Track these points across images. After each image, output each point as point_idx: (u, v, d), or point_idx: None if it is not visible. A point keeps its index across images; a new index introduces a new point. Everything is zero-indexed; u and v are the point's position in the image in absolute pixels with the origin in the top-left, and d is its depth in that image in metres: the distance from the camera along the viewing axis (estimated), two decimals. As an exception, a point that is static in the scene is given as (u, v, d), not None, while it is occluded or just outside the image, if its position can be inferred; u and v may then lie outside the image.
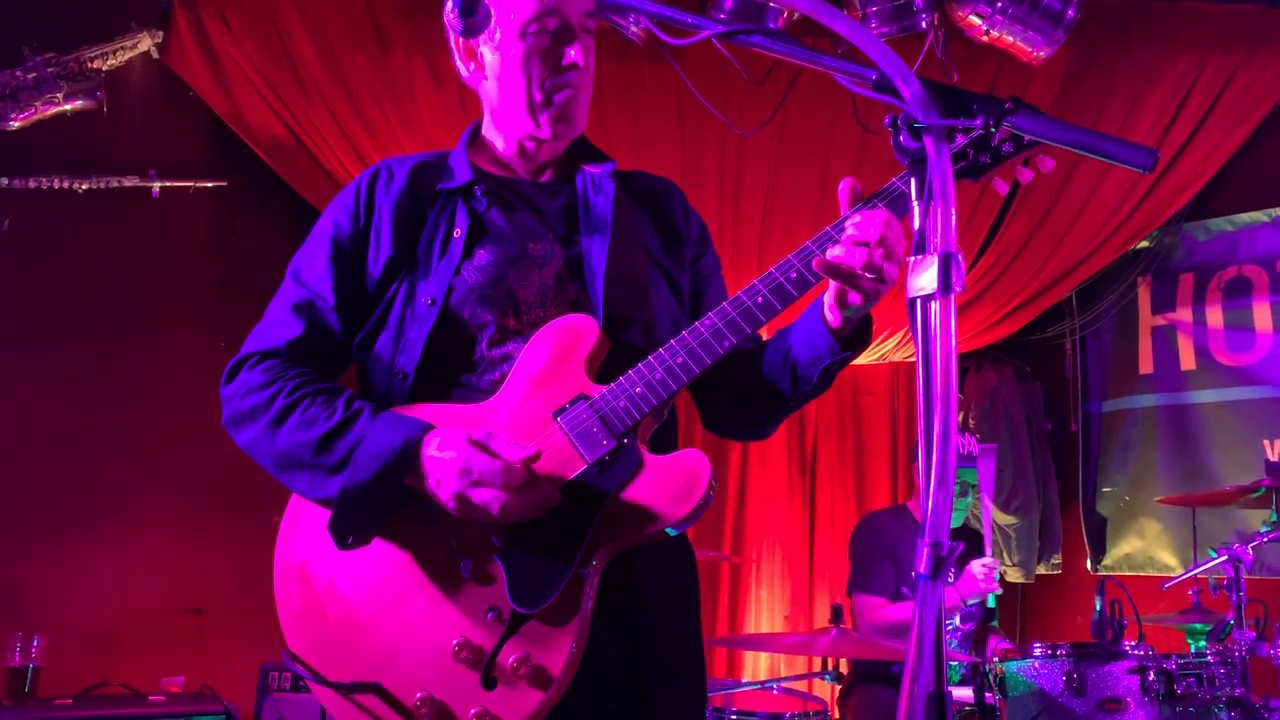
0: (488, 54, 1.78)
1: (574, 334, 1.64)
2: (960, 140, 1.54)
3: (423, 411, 1.63)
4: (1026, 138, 1.38)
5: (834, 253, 1.55)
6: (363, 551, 1.60)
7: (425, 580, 1.57)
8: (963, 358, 5.60)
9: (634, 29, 4.34)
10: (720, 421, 1.90)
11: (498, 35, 1.75)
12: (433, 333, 1.66)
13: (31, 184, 4.13)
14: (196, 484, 4.42)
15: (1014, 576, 5.42)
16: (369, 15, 4.57)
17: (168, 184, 4.31)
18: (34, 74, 4.05)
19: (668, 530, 1.55)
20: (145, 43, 4.35)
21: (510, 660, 1.52)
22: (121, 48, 4.25)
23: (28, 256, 4.25)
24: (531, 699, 1.51)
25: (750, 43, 1.36)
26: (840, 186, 1.61)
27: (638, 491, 1.55)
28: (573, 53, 1.74)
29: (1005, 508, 5.42)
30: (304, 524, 1.67)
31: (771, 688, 3.86)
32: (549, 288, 1.71)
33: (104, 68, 4.21)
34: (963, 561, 4.19)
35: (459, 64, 1.84)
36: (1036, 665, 3.37)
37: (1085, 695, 3.26)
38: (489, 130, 1.85)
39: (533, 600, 1.52)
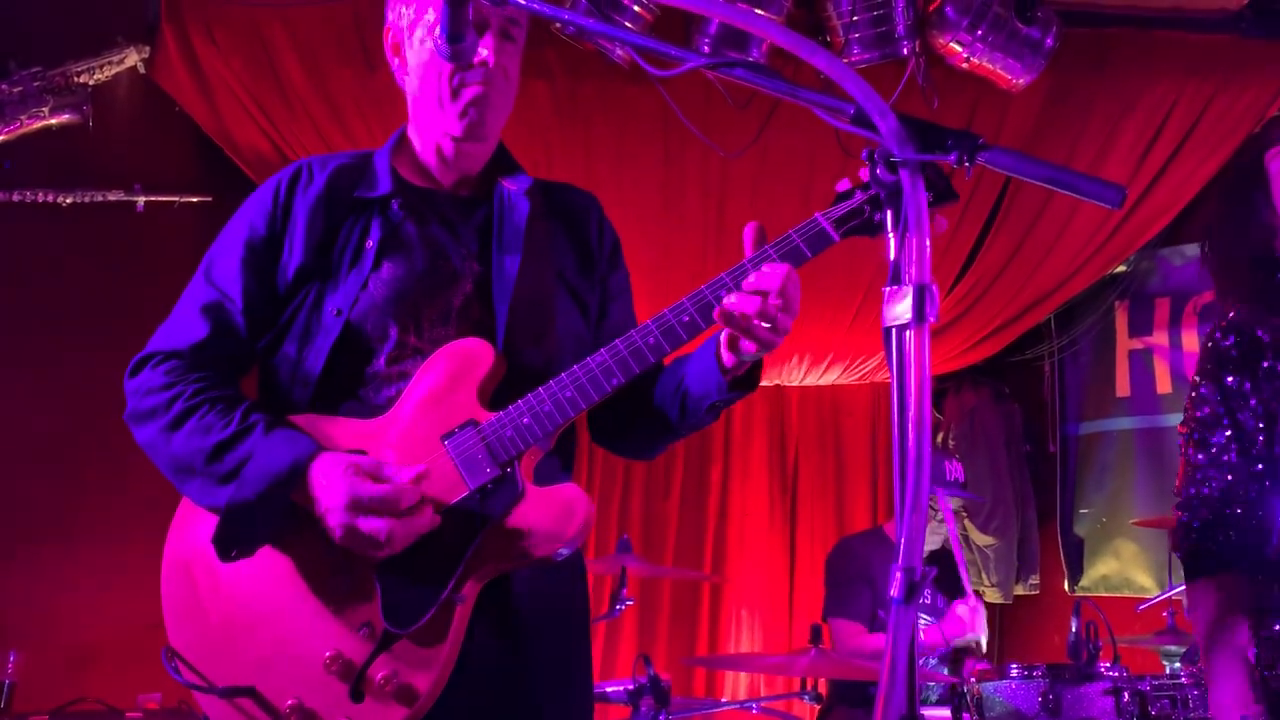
0: (409, 52, 1.80)
1: (470, 358, 1.65)
2: (859, 197, 1.69)
3: (316, 425, 1.65)
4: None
5: (730, 300, 1.57)
6: (254, 556, 1.62)
7: (305, 590, 1.60)
8: (942, 379, 5.64)
9: (619, 52, 4.39)
10: (606, 437, 1.92)
11: (418, 32, 1.76)
12: (336, 343, 1.67)
13: (15, 197, 4.12)
14: (174, 499, 4.40)
15: (992, 597, 5.46)
16: (356, 32, 4.60)
17: (152, 199, 4.31)
18: (20, 88, 4.05)
19: (544, 559, 1.58)
20: (132, 58, 4.35)
21: (379, 675, 1.55)
22: (108, 63, 4.25)
23: (9, 270, 4.24)
24: (396, 714, 1.54)
25: (732, 75, 1.39)
26: (746, 229, 1.64)
27: (515, 521, 1.58)
28: (484, 51, 1.71)
29: (983, 528, 5.46)
30: (194, 524, 1.70)
31: (751, 708, 3.87)
32: (453, 307, 1.72)
33: (90, 82, 4.21)
34: (941, 588, 4.23)
35: (388, 52, 1.85)
36: (1013, 686, 3.39)
37: (1060, 716, 3.28)
38: (412, 131, 1.85)
39: (404, 621, 1.55)
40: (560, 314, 1.78)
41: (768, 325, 1.57)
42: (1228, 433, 2.01)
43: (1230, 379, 2.01)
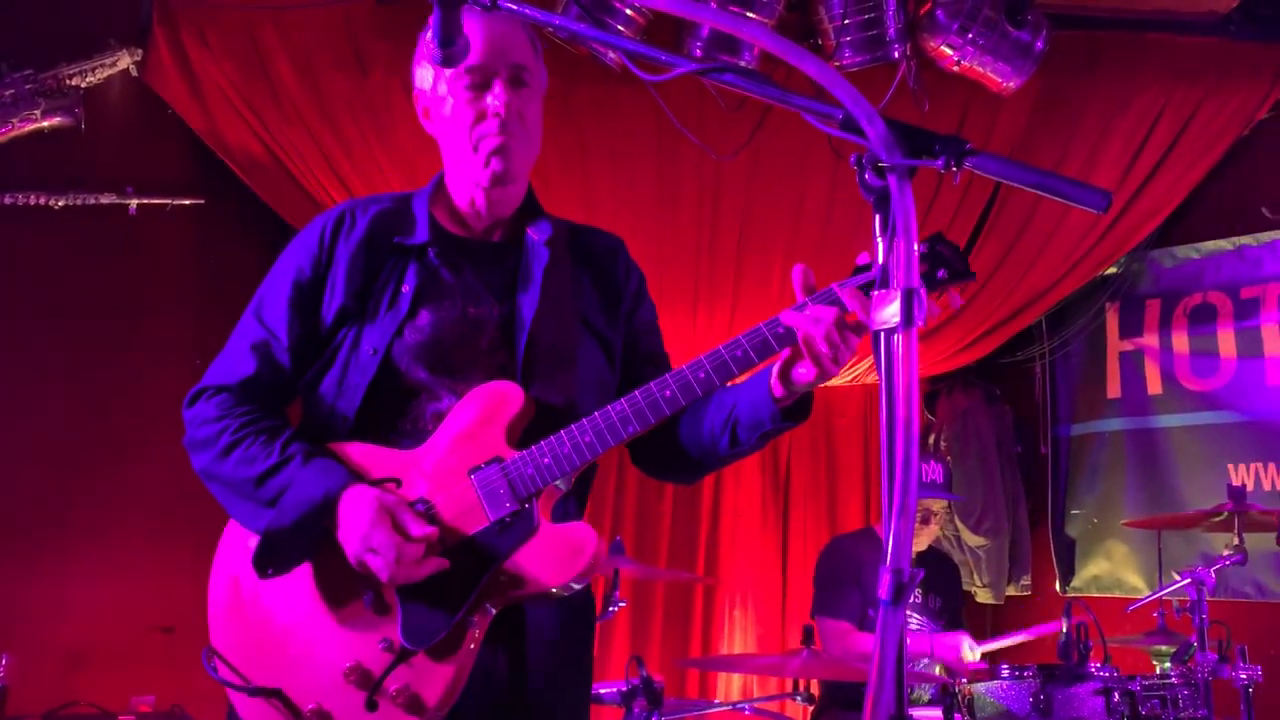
0: (438, 106, 1.90)
1: (501, 399, 1.77)
2: (877, 269, 1.67)
3: (354, 453, 1.79)
4: (940, 273, 1.69)
5: (796, 319, 1.67)
6: (289, 574, 1.77)
7: (333, 606, 1.75)
8: (934, 381, 5.66)
9: (611, 55, 4.40)
10: (651, 464, 2.02)
11: (442, 87, 1.88)
12: (373, 382, 1.80)
13: (7, 200, 4.12)
14: (168, 501, 4.40)
15: (984, 597, 5.48)
16: (348, 36, 4.60)
17: (145, 201, 4.31)
18: (11, 90, 4.05)
19: (552, 593, 1.72)
20: (124, 60, 4.35)
21: (393, 688, 1.68)
22: (100, 65, 4.25)
23: (2, 273, 4.24)
24: None
25: (723, 80, 1.40)
26: (795, 272, 1.72)
27: (528, 554, 1.71)
28: (494, 102, 1.82)
29: (975, 529, 5.48)
30: (242, 540, 1.84)
31: (743, 709, 3.88)
32: (480, 350, 1.83)
33: (82, 85, 4.20)
34: (937, 580, 4.24)
35: (420, 117, 1.96)
36: (1004, 686, 3.41)
37: (1052, 716, 3.30)
38: (448, 180, 1.95)
39: (420, 639, 1.69)
40: (582, 356, 1.88)
41: (828, 350, 1.64)
42: None
43: None
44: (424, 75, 1.92)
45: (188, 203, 4.45)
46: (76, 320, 4.33)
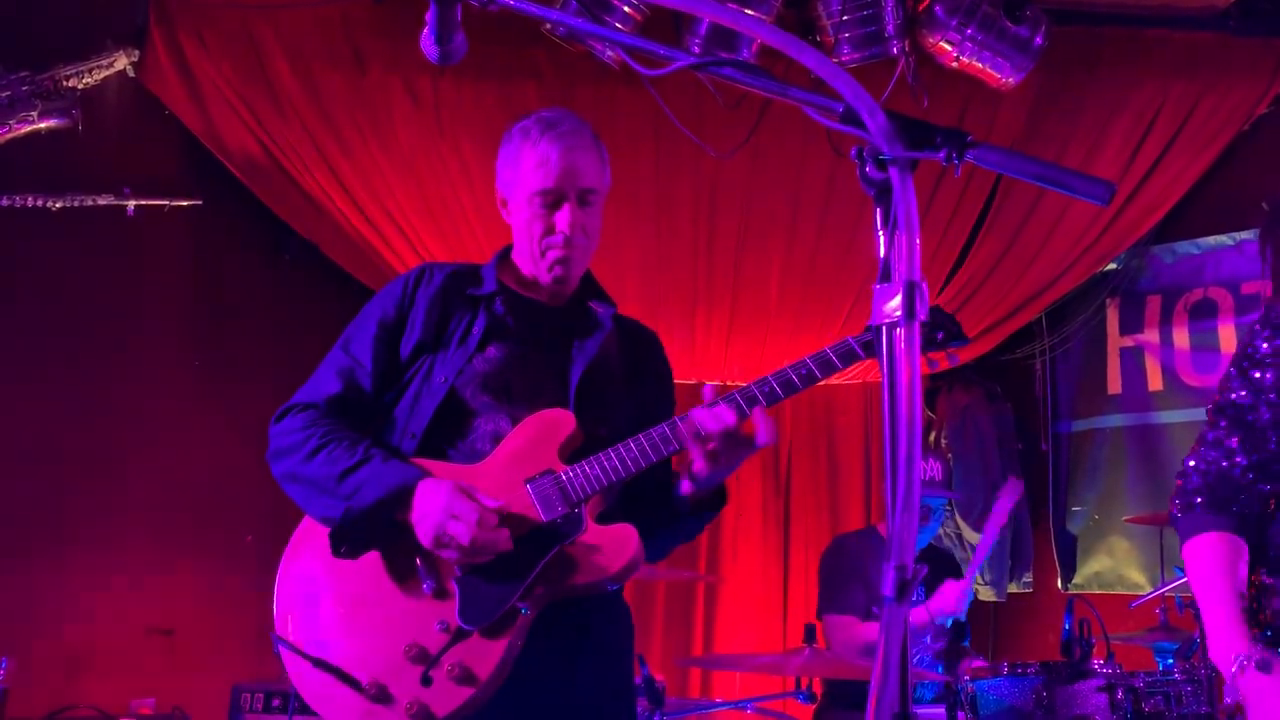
0: (515, 207, 2.19)
1: (555, 423, 2.03)
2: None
3: (425, 464, 2.02)
4: (939, 335, 1.99)
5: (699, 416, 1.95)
6: (354, 563, 1.98)
7: (396, 590, 1.96)
8: (935, 378, 5.65)
9: (609, 53, 4.38)
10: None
11: (518, 193, 2.16)
12: (441, 405, 2.05)
13: (4, 202, 4.11)
14: (167, 503, 4.39)
15: (986, 595, 5.46)
16: (346, 35, 4.59)
17: (142, 203, 4.29)
18: (8, 92, 4.03)
19: (598, 584, 1.95)
20: (121, 61, 4.34)
21: (448, 664, 1.89)
22: (97, 66, 4.24)
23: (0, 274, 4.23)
24: (459, 696, 1.88)
25: (722, 74, 1.39)
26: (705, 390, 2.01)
27: (577, 550, 1.95)
28: (561, 222, 2.11)
29: (976, 527, 5.47)
30: (312, 538, 2.04)
31: (745, 708, 3.87)
32: (537, 386, 2.09)
33: (79, 86, 4.19)
34: (935, 580, 4.23)
35: (498, 205, 2.24)
36: (1007, 684, 3.40)
37: (1055, 713, 3.29)
38: (516, 256, 2.23)
39: (476, 619, 1.90)
40: (618, 400, 2.15)
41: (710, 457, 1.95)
42: (1243, 418, 2.05)
43: (1256, 373, 2.05)
44: (505, 174, 2.19)
45: (185, 204, 4.44)
46: (75, 322, 4.32)
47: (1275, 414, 2.03)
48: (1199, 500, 2.06)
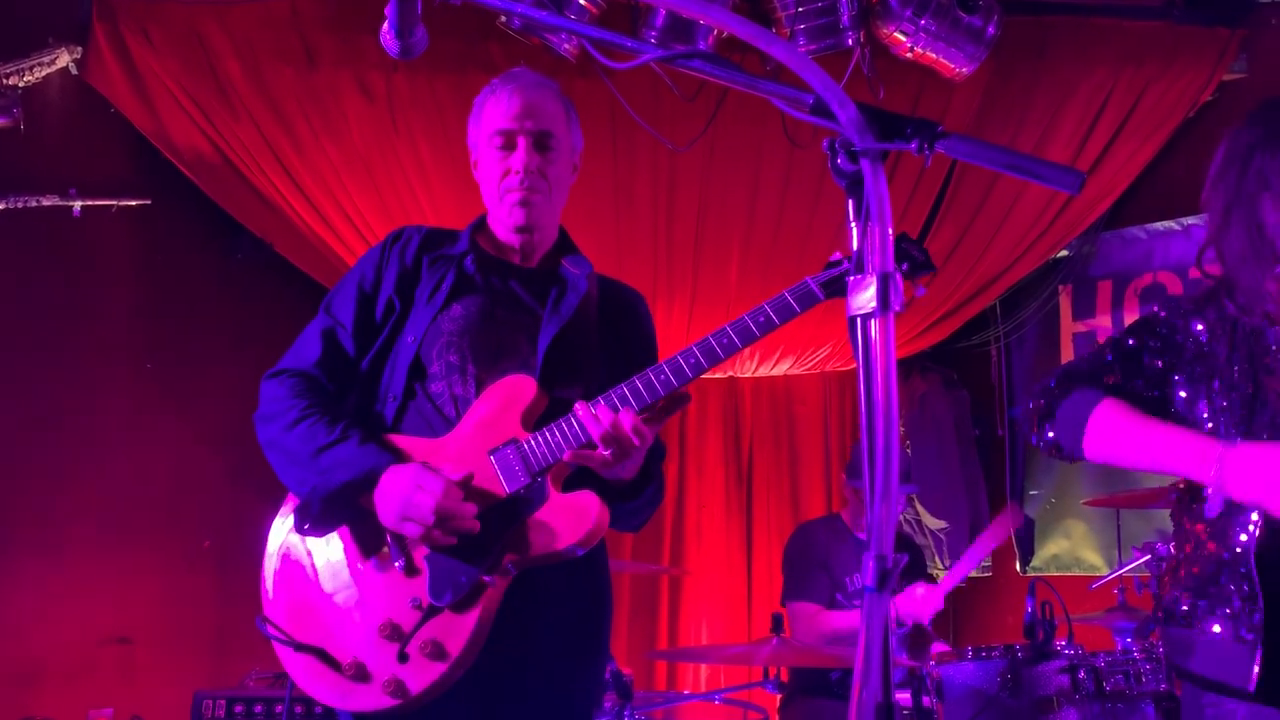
0: (477, 156, 2.22)
1: (517, 390, 2.02)
2: (846, 265, 1.94)
3: (397, 444, 2.04)
4: (904, 266, 1.98)
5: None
6: (330, 543, 2.02)
7: (370, 570, 1.99)
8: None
9: (566, 46, 4.36)
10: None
11: (480, 145, 2.18)
12: (411, 365, 2.07)
13: (-55, 204, 4.00)
14: (121, 509, 4.31)
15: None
16: (295, 29, 4.52)
17: (89, 203, 4.20)
18: (-54, 91, 3.93)
19: (563, 552, 1.94)
20: (64, 58, 4.23)
21: (421, 640, 1.92)
22: (39, 64, 4.13)
23: (-59, 278, 4.12)
24: (433, 671, 1.91)
25: (690, 67, 1.38)
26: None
27: (540, 519, 1.95)
28: (515, 161, 2.12)
29: (935, 512, 5.53)
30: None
31: (714, 699, 3.88)
32: (506, 348, 2.08)
33: (20, 84, 4.09)
34: (908, 576, 4.27)
35: (473, 174, 2.25)
36: (971, 667, 3.44)
37: (1020, 695, 3.33)
38: (489, 219, 2.24)
39: (445, 595, 1.92)
40: (591, 363, 2.13)
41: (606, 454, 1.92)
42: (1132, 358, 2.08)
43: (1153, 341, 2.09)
44: (471, 131, 2.22)
45: (133, 204, 4.35)
46: (20, 324, 4.22)
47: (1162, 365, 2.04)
48: (1072, 384, 2.03)
